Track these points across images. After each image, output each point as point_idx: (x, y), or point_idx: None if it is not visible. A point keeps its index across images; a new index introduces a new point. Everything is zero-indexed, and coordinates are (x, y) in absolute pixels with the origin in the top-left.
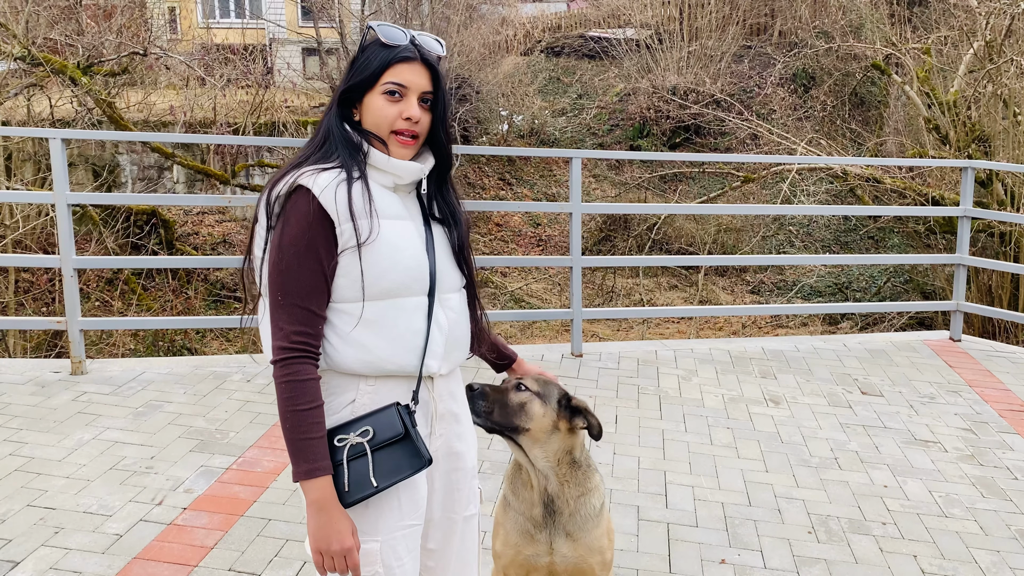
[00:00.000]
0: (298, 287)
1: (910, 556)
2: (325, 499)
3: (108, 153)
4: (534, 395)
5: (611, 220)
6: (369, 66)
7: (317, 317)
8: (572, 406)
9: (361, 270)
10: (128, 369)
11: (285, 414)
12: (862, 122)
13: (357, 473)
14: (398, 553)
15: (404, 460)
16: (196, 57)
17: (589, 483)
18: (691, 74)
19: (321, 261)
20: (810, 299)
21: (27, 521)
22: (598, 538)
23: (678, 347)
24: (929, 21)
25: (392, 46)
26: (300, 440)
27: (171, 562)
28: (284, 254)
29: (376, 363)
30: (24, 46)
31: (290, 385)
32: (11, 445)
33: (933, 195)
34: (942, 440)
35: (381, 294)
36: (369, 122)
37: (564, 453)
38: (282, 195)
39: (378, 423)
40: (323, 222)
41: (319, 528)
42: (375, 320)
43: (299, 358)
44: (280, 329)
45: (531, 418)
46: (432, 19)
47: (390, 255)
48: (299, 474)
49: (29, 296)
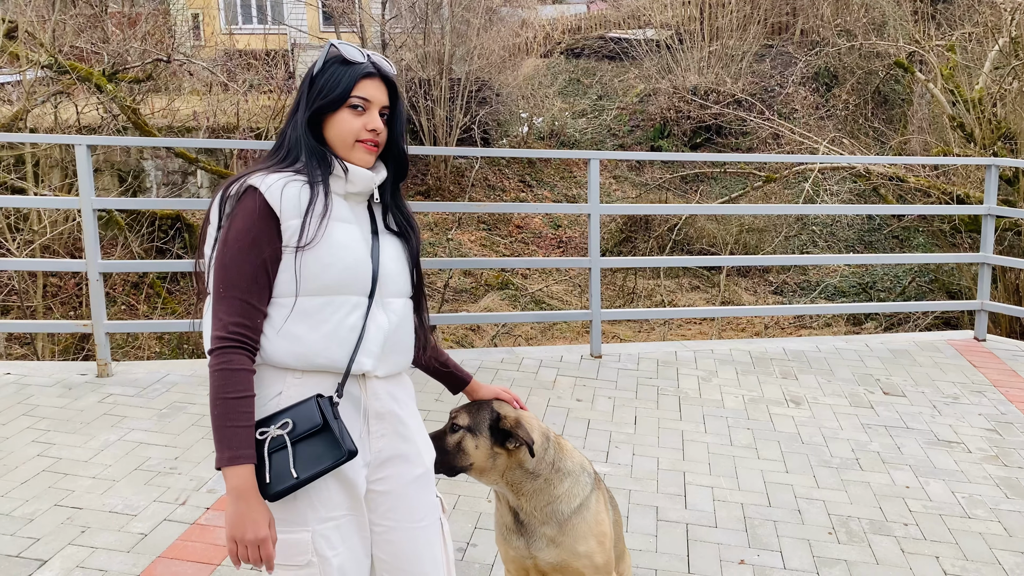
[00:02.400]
0: (239, 280)
1: (932, 557)
2: (244, 488)
3: (133, 159)
4: (465, 431)
5: (632, 221)
6: (339, 83)
7: (256, 311)
8: (502, 428)
9: (296, 266)
10: (153, 371)
11: (214, 401)
12: (885, 121)
13: (278, 465)
14: (332, 542)
15: (324, 451)
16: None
17: (555, 491)
18: (712, 74)
19: (264, 256)
20: (834, 299)
21: (54, 520)
22: (581, 541)
23: (698, 348)
24: (953, 18)
25: (355, 63)
26: (226, 428)
27: (195, 561)
28: (228, 249)
29: (306, 355)
30: (51, 54)
31: (223, 373)
32: (39, 446)
33: (958, 193)
34: (966, 441)
35: (319, 289)
36: (333, 134)
37: (514, 470)
38: (232, 196)
39: (298, 415)
40: (268, 219)
41: (235, 516)
42: (310, 313)
43: (234, 348)
44: (219, 320)
45: (468, 455)
46: (452, 22)
47: (333, 253)
48: (222, 460)
49: (57, 300)
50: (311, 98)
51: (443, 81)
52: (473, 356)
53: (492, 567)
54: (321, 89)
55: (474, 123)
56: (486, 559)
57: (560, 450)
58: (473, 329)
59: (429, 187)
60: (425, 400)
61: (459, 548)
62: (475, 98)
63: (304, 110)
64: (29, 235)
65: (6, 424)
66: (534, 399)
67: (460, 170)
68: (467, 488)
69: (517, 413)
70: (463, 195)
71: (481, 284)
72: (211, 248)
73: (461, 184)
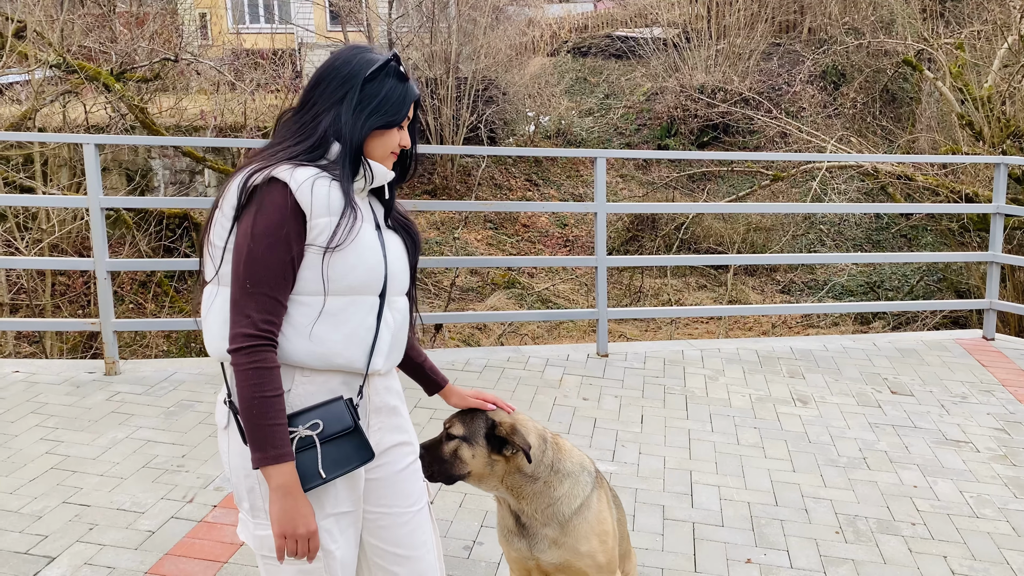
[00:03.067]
0: (268, 276)
1: (940, 557)
2: (291, 484)
3: (141, 158)
4: (460, 440)
5: (638, 220)
6: (402, 104)
7: (282, 307)
8: (497, 436)
9: (323, 267)
10: (160, 370)
11: (252, 400)
12: (893, 119)
13: (306, 463)
14: (333, 536)
15: (352, 453)
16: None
17: (555, 492)
18: (719, 72)
19: (292, 253)
20: (841, 298)
21: (63, 518)
22: (582, 541)
23: (705, 347)
24: (962, 15)
25: (408, 82)
26: (267, 426)
27: (202, 558)
28: (257, 243)
29: (326, 356)
30: (59, 54)
31: (258, 372)
32: (47, 444)
33: (967, 192)
34: (974, 440)
35: (345, 290)
36: (377, 144)
37: (513, 475)
38: (256, 185)
39: (327, 416)
40: (297, 216)
41: (284, 512)
42: (333, 314)
43: (265, 346)
44: (248, 317)
45: (465, 464)
46: (459, 21)
47: (359, 254)
48: (267, 459)
49: (65, 299)
50: (368, 104)
51: (450, 80)
52: (479, 355)
53: (498, 565)
54: (383, 101)
55: (481, 122)
56: (492, 557)
57: (559, 450)
58: (479, 328)
59: (436, 186)
60: (432, 400)
61: (465, 546)
62: (482, 97)
63: (358, 111)
64: (38, 234)
65: (15, 422)
66: (540, 398)
67: (467, 169)
68: (472, 487)
69: (512, 418)
70: (469, 194)
71: (487, 283)
72: (224, 236)
73: (468, 183)
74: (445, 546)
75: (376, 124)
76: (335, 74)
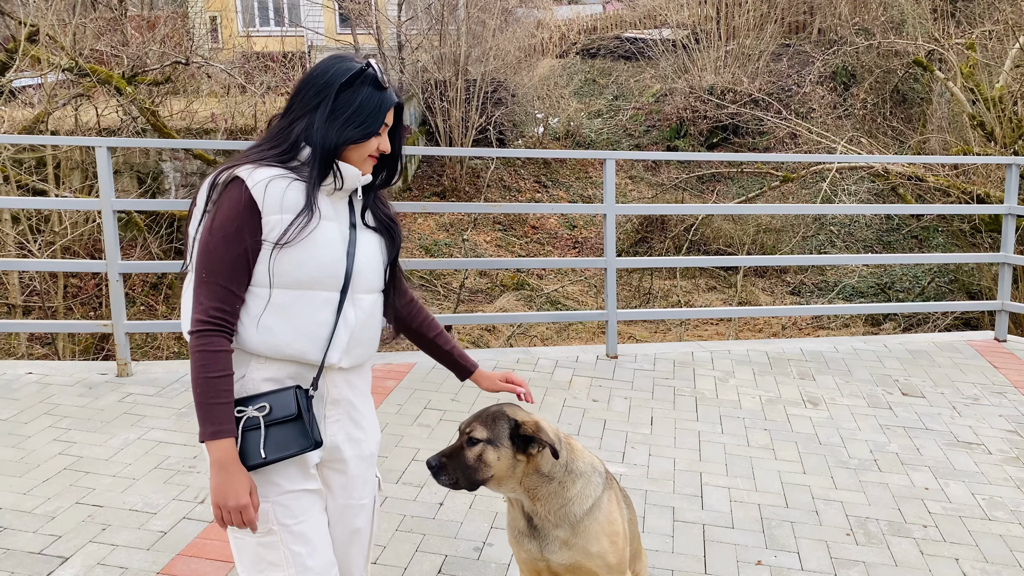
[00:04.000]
0: (221, 267)
1: (952, 559)
2: (227, 459)
3: (152, 160)
4: (485, 444)
5: (648, 221)
6: (378, 113)
7: (235, 296)
8: (523, 435)
9: (270, 262)
10: (172, 371)
11: (196, 380)
12: (904, 120)
13: (249, 444)
14: (293, 512)
15: (293, 439)
16: (237, 65)
17: (568, 493)
18: (728, 74)
19: (245, 246)
20: (852, 300)
21: (76, 518)
22: (593, 541)
23: (715, 348)
24: (973, 15)
25: (386, 90)
26: (208, 404)
27: (213, 559)
28: (213, 236)
29: (278, 347)
30: (72, 58)
31: (204, 354)
32: (60, 444)
33: (978, 193)
34: (986, 442)
35: (293, 284)
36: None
37: (531, 475)
38: (219, 184)
39: (275, 401)
40: (251, 211)
41: (218, 485)
42: (283, 307)
43: (214, 331)
44: (200, 304)
45: (490, 467)
46: (468, 23)
47: (308, 251)
48: (205, 435)
49: (77, 301)
50: (342, 113)
51: (459, 82)
52: (489, 356)
53: (508, 567)
54: (358, 111)
55: (490, 124)
56: (502, 559)
57: (571, 451)
58: (489, 329)
59: (445, 188)
60: (440, 400)
61: (475, 548)
62: (491, 99)
63: (331, 120)
64: (50, 236)
65: (28, 423)
66: (550, 399)
67: (476, 171)
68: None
69: (533, 416)
70: (479, 196)
71: (497, 284)
72: (195, 229)
73: (477, 185)
74: (455, 548)
75: (352, 136)
76: (313, 83)
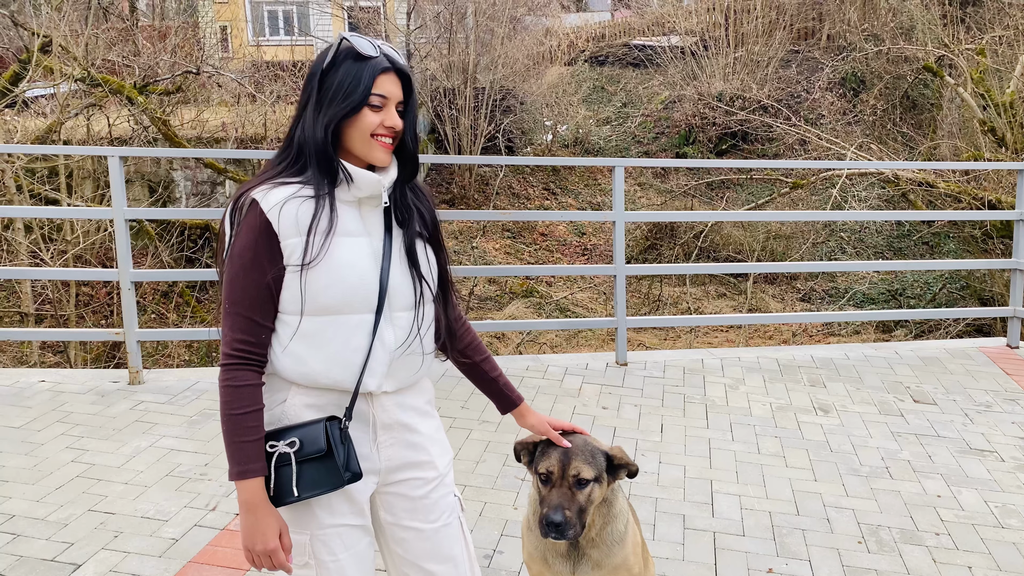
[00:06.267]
0: (242, 297)
1: (964, 567)
2: (255, 500)
3: (163, 169)
4: (594, 483)
5: (657, 228)
6: (358, 83)
7: (260, 326)
8: (615, 465)
9: (301, 286)
10: (183, 379)
11: (223, 417)
12: (914, 126)
13: (283, 480)
14: (331, 548)
15: (324, 476)
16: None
17: (613, 510)
18: (737, 80)
19: (266, 273)
20: (863, 307)
21: (88, 525)
22: (624, 558)
23: (725, 356)
24: (983, 21)
25: (370, 57)
26: (235, 443)
27: (224, 566)
28: (233, 265)
29: (312, 377)
30: (84, 68)
31: (228, 390)
32: (73, 452)
33: (989, 199)
34: (999, 449)
35: (320, 310)
36: (352, 134)
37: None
38: (239, 208)
39: (306, 436)
40: (268, 236)
41: (247, 528)
42: (312, 334)
43: (238, 365)
44: (225, 336)
45: (594, 503)
46: (477, 32)
47: (335, 272)
48: (232, 474)
49: (89, 309)
50: (325, 97)
51: (467, 90)
52: (499, 364)
53: (518, 574)
54: (338, 89)
55: (498, 131)
56: (512, 566)
57: None
58: (498, 337)
59: (454, 195)
60: (450, 408)
61: (485, 555)
62: (499, 107)
63: (316, 110)
64: (62, 245)
65: (41, 431)
66: (559, 407)
67: (485, 178)
68: (493, 495)
69: (613, 445)
70: (488, 203)
71: (506, 292)
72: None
73: (486, 192)
74: None
75: (336, 114)
76: (304, 83)
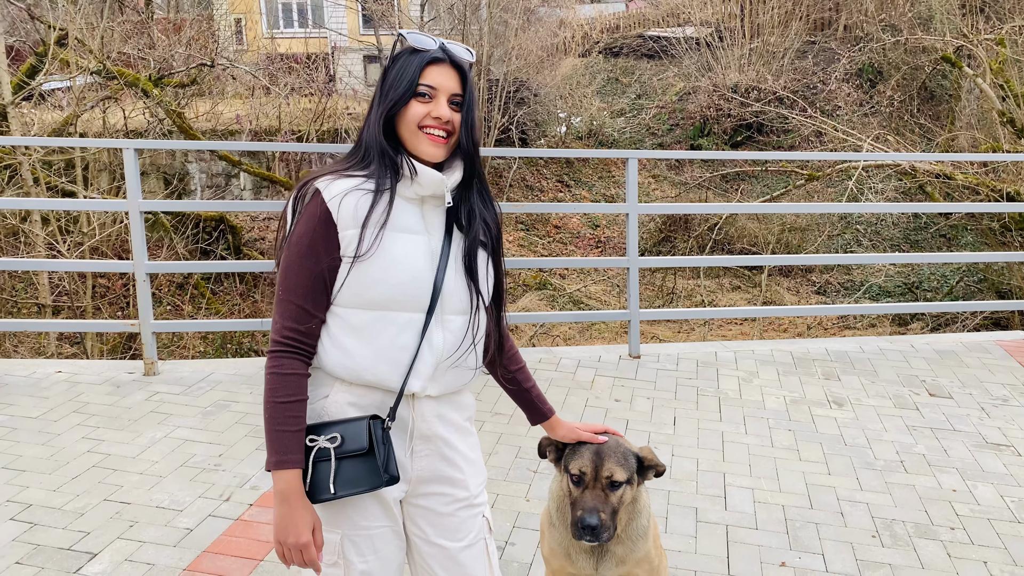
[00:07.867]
0: (296, 284)
1: (980, 562)
2: (290, 491)
3: (178, 162)
4: (626, 484)
5: (671, 221)
6: (405, 74)
7: (310, 316)
8: (645, 466)
9: (346, 278)
10: (198, 370)
11: (266, 403)
12: (932, 117)
13: (319, 476)
14: (361, 550)
15: (363, 475)
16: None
17: (637, 506)
18: (753, 71)
19: (320, 263)
20: (878, 299)
21: (104, 515)
22: (646, 552)
23: (738, 348)
24: (1002, 10)
25: (423, 50)
26: (275, 431)
27: (238, 556)
28: (290, 252)
29: (356, 370)
30: (100, 61)
31: (274, 377)
32: (89, 442)
33: (1008, 191)
34: (1015, 443)
35: (370, 304)
36: (402, 126)
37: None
38: (302, 197)
39: (348, 432)
40: (328, 225)
41: (280, 519)
42: (361, 328)
43: (286, 352)
44: (275, 323)
45: (624, 503)
46: (490, 23)
47: (387, 267)
48: (270, 463)
49: (105, 300)
50: (384, 94)
51: (481, 82)
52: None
53: (531, 566)
54: (392, 83)
55: (512, 123)
56: (525, 558)
57: None
58: (511, 329)
59: None
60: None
61: (498, 547)
62: (513, 98)
63: (378, 107)
64: (79, 237)
65: (57, 421)
66: (572, 399)
67: (498, 170)
68: (505, 487)
69: (643, 446)
70: (501, 195)
71: (519, 284)
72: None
73: (499, 184)
74: None
75: (387, 106)
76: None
